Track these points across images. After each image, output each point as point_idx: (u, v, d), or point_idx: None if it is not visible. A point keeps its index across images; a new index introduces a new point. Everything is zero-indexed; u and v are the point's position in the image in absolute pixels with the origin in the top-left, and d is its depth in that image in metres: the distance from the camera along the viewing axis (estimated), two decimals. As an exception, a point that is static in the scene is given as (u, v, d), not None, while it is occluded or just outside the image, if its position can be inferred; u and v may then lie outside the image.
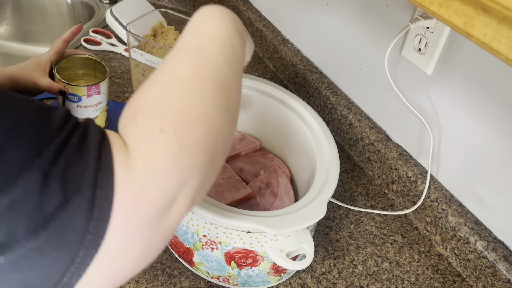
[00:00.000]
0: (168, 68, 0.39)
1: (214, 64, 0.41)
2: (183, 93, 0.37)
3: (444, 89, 0.69)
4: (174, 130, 0.34)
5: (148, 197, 0.32)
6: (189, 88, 0.37)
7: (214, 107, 0.38)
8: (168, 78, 0.38)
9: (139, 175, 0.32)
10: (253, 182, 0.70)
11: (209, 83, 0.39)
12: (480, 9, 0.29)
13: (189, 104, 0.36)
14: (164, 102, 0.36)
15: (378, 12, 0.76)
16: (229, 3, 1.18)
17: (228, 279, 0.62)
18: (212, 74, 0.40)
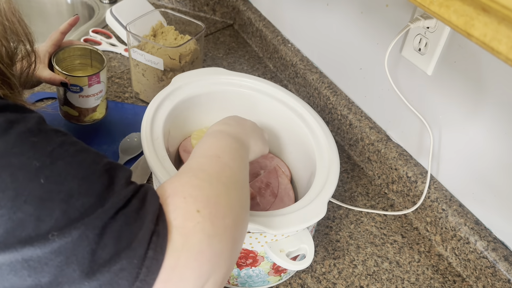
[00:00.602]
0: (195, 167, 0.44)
1: (231, 169, 0.45)
2: (213, 185, 0.41)
3: (444, 89, 0.69)
4: (209, 213, 0.37)
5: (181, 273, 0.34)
6: (217, 182, 0.41)
7: (237, 202, 0.42)
8: (197, 172, 0.42)
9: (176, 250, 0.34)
10: (253, 182, 0.70)
11: (231, 182, 0.43)
12: (480, 9, 0.29)
13: (219, 195, 0.40)
14: (198, 189, 0.39)
15: (378, 12, 0.76)
16: (229, 3, 1.18)
17: (228, 279, 0.62)
18: (231, 176, 0.44)
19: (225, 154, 0.47)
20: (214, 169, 0.44)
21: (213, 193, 0.39)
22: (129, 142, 0.83)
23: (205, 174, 0.42)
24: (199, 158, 0.46)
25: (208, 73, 0.73)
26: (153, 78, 0.87)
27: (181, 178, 0.41)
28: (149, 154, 0.58)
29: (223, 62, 1.08)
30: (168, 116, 0.66)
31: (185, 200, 0.37)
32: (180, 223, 0.35)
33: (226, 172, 0.44)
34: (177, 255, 0.34)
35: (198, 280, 0.35)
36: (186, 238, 0.35)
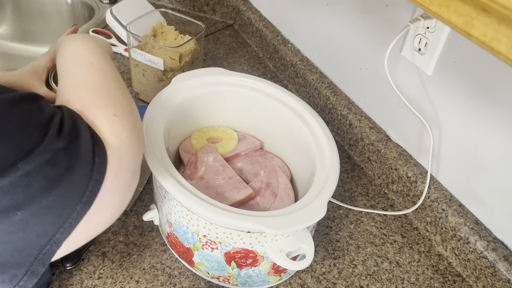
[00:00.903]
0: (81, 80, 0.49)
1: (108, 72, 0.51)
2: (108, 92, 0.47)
3: (444, 89, 0.69)
4: (123, 114, 0.45)
5: (126, 163, 0.43)
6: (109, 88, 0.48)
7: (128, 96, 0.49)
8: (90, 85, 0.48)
9: (117, 147, 0.42)
10: (253, 182, 0.70)
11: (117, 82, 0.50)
12: (480, 9, 0.29)
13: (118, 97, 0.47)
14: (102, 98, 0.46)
15: (378, 12, 0.76)
16: (229, 3, 1.18)
17: (228, 279, 0.62)
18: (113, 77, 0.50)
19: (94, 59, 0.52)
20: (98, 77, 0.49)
21: (114, 98, 0.46)
22: (129, 142, 0.82)
23: (97, 85, 0.48)
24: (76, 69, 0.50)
25: (208, 73, 0.73)
26: (153, 78, 0.87)
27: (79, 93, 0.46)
28: (149, 154, 0.58)
29: (223, 62, 1.08)
30: (168, 116, 0.66)
31: (100, 110, 0.44)
32: (108, 128, 0.43)
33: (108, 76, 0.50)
34: (119, 151, 0.42)
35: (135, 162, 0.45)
36: (118, 137, 0.43)
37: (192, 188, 0.55)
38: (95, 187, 0.40)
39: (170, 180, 0.55)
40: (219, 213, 0.53)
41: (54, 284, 0.62)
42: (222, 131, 0.77)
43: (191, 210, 0.55)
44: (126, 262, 0.66)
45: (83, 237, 0.42)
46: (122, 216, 0.71)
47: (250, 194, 0.66)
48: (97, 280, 0.63)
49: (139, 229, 0.70)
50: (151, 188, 0.76)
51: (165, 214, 0.63)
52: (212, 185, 0.67)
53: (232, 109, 0.76)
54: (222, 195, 0.66)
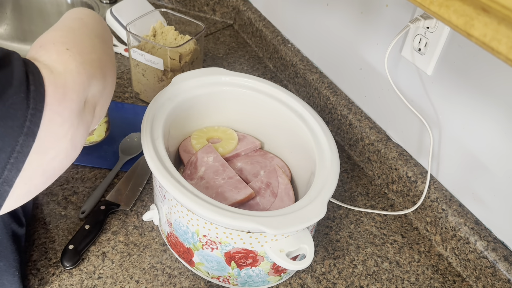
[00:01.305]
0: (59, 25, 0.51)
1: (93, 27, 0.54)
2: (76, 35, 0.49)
3: (444, 89, 0.69)
4: (77, 50, 0.46)
5: (72, 88, 0.43)
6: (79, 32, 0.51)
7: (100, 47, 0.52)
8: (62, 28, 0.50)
9: (61, 74, 0.43)
10: (253, 182, 0.70)
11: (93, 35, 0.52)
12: (480, 9, 0.29)
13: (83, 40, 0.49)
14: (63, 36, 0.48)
15: (378, 12, 0.76)
16: (229, 3, 1.18)
17: (228, 279, 0.62)
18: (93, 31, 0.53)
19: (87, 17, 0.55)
20: (75, 25, 0.52)
21: (78, 39, 0.49)
22: (129, 142, 0.83)
23: (68, 28, 0.50)
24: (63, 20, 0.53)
25: (208, 73, 0.73)
26: (153, 78, 0.87)
27: (46, 33, 0.48)
28: (149, 154, 0.58)
29: (223, 62, 1.08)
30: (168, 116, 0.66)
31: (55, 45, 0.45)
32: (55, 58, 0.44)
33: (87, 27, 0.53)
34: (63, 77, 0.43)
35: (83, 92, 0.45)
36: (65, 65, 0.43)
37: (192, 188, 0.55)
38: (34, 116, 0.39)
39: (170, 180, 0.55)
40: (219, 213, 0.53)
41: (54, 284, 0.62)
42: (222, 131, 0.77)
43: (191, 210, 0.55)
44: (126, 262, 0.66)
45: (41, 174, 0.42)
46: (122, 216, 0.71)
47: (250, 194, 0.66)
48: (97, 280, 0.63)
49: (139, 229, 0.70)
50: (151, 188, 0.76)
51: (165, 214, 0.63)
52: (212, 185, 0.67)
53: (232, 109, 0.76)
54: (222, 195, 0.66)
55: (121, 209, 0.72)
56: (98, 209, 0.70)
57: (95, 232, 0.67)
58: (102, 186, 0.74)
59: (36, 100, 0.39)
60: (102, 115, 0.52)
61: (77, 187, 0.74)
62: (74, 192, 0.73)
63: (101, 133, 0.81)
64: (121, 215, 0.71)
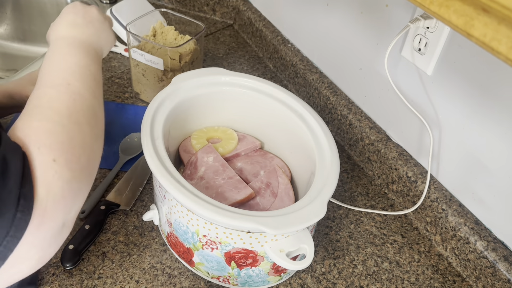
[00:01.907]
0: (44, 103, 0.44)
1: (82, 98, 0.47)
2: (65, 127, 0.42)
3: (444, 89, 0.69)
4: (65, 160, 0.40)
5: (50, 217, 0.38)
6: (69, 121, 0.43)
7: (90, 136, 0.45)
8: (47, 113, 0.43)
9: (42, 200, 0.37)
10: (253, 182, 0.70)
11: (82, 115, 0.45)
12: (480, 9, 0.29)
13: (72, 137, 0.42)
14: (51, 135, 0.41)
15: (378, 12, 0.76)
16: (229, 3, 1.18)
17: (228, 279, 0.62)
18: (83, 108, 0.46)
19: (74, 79, 0.48)
20: (64, 104, 0.45)
21: (66, 136, 0.42)
22: (129, 142, 0.83)
23: (56, 114, 0.43)
24: (47, 89, 0.46)
25: (208, 73, 0.73)
26: (153, 78, 0.87)
27: (31, 121, 0.42)
28: (149, 154, 0.58)
29: (223, 62, 1.08)
30: (168, 116, 0.66)
31: (40, 151, 0.39)
32: (39, 175, 0.38)
33: (77, 105, 0.46)
34: (44, 204, 0.38)
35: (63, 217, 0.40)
36: (48, 188, 0.38)
37: (192, 188, 0.55)
38: (10, 242, 0.36)
39: (170, 180, 0.55)
40: (219, 213, 0.53)
41: (54, 284, 0.62)
42: (222, 131, 0.77)
43: (191, 210, 0.55)
44: (126, 262, 0.66)
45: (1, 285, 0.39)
46: (122, 216, 0.71)
47: (250, 194, 0.66)
48: (97, 280, 0.63)
49: (139, 229, 0.70)
50: (151, 188, 0.76)
51: (165, 214, 0.63)
52: (212, 185, 0.67)
53: (232, 109, 0.76)
54: (222, 195, 0.66)
55: (121, 209, 0.72)
56: (98, 209, 0.70)
57: (95, 232, 0.67)
58: (102, 186, 0.74)
59: (17, 228, 0.36)
60: None
61: (77, 187, 0.74)
62: (74, 192, 0.73)
63: None
64: (121, 215, 0.71)
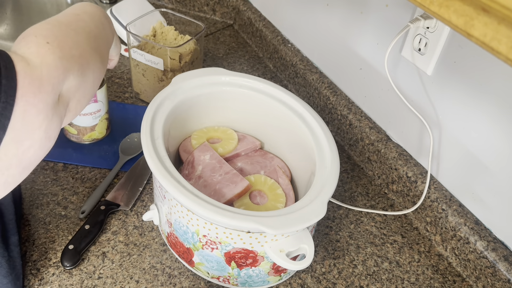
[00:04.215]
0: (51, 19, 0.52)
1: (86, 24, 0.55)
2: (61, 29, 0.50)
3: (444, 89, 0.69)
4: (57, 43, 0.47)
5: (47, 80, 0.44)
6: (66, 27, 0.51)
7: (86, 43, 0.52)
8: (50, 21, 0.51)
9: (37, 67, 0.44)
10: (253, 182, 0.70)
11: (82, 31, 0.53)
12: (480, 9, 0.29)
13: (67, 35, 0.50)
14: (48, 29, 0.49)
15: (378, 12, 0.76)
16: (229, 3, 1.18)
17: (228, 279, 0.62)
18: (84, 28, 0.54)
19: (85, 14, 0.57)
20: (67, 19, 0.53)
21: (61, 33, 0.49)
22: (129, 142, 0.83)
23: (56, 21, 0.51)
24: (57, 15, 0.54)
25: (208, 73, 0.73)
26: (153, 78, 0.87)
27: (34, 25, 0.49)
28: (149, 154, 0.58)
29: (223, 62, 1.08)
30: (168, 116, 0.66)
31: (36, 37, 0.46)
32: (34, 50, 0.44)
33: (78, 23, 0.54)
34: (39, 71, 0.43)
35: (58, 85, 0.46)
36: (42, 59, 0.44)
37: (192, 188, 0.55)
38: (5, 109, 0.40)
39: (170, 180, 0.55)
40: (219, 213, 0.53)
41: (54, 284, 0.62)
42: (222, 131, 0.77)
43: (191, 210, 0.55)
44: (126, 262, 0.66)
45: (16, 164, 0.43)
46: (122, 216, 0.71)
47: (247, 186, 0.66)
48: (97, 280, 0.63)
49: (139, 229, 0.70)
50: (151, 188, 0.76)
51: (165, 214, 0.63)
52: (210, 182, 0.67)
53: (232, 109, 0.76)
54: (220, 191, 0.66)
55: (121, 209, 0.72)
56: (98, 209, 0.70)
57: (95, 232, 0.67)
58: (102, 186, 0.74)
59: (7, 93, 0.40)
60: (78, 110, 0.53)
61: (77, 187, 0.74)
62: (74, 192, 0.73)
63: (102, 131, 0.81)
64: (121, 215, 0.71)
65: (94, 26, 0.56)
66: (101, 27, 0.59)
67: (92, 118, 0.77)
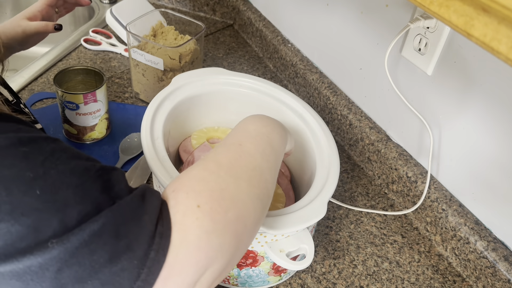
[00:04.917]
0: (209, 157, 0.44)
1: (250, 156, 0.45)
2: (220, 177, 0.41)
3: (444, 89, 0.69)
4: (210, 208, 0.37)
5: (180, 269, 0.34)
6: (226, 173, 0.41)
7: (248, 194, 0.42)
8: (208, 163, 0.43)
9: (174, 248, 0.34)
10: (253, 182, 0.70)
11: (244, 172, 0.43)
12: (480, 9, 0.29)
13: (225, 187, 0.40)
14: (203, 182, 0.39)
15: (378, 12, 0.76)
16: (229, 3, 1.18)
17: (228, 279, 0.62)
18: (247, 165, 0.44)
19: (248, 141, 0.47)
20: (227, 158, 0.44)
21: (218, 186, 0.40)
22: (129, 142, 0.83)
23: (215, 164, 0.42)
24: (219, 147, 0.46)
25: (208, 73, 0.73)
26: (153, 78, 0.87)
27: (192, 170, 0.41)
28: (149, 154, 0.58)
29: (223, 62, 1.08)
30: (168, 116, 0.66)
31: (187, 195, 0.37)
32: (179, 219, 0.36)
33: (241, 161, 0.44)
34: (176, 251, 0.34)
35: (195, 274, 0.36)
36: (184, 235, 0.35)
37: (192, 188, 0.55)
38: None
39: (170, 180, 0.55)
40: (219, 213, 0.53)
41: (54, 284, 0.62)
42: (222, 131, 0.77)
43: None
44: (126, 262, 0.66)
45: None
46: (122, 216, 0.71)
47: None
48: (97, 280, 0.63)
49: (139, 229, 0.70)
50: (151, 188, 0.76)
51: (165, 214, 0.63)
52: (212, 185, 0.67)
53: (232, 109, 0.76)
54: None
55: (121, 209, 0.72)
56: (98, 209, 0.69)
57: (95, 232, 0.67)
58: (102, 186, 0.74)
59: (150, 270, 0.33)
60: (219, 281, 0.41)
61: (77, 187, 0.74)
62: (74, 192, 0.73)
63: (102, 130, 0.81)
64: (121, 215, 0.71)
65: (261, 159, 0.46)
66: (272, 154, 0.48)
67: (92, 118, 0.77)
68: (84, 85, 0.80)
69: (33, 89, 0.92)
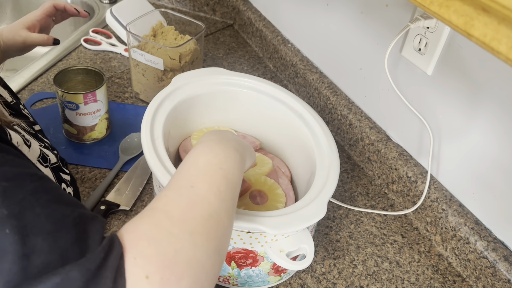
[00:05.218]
0: (159, 207, 0.39)
1: (205, 201, 0.41)
2: (173, 235, 0.36)
3: (444, 89, 0.69)
4: (160, 278, 0.33)
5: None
6: (180, 229, 0.37)
7: (205, 251, 0.37)
8: (159, 216, 0.38)
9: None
10: (253, 182, 0.70)
11: (200, 223, 0.38)
12: (480, 9, 0.29)
13: (179, 249, 0.35)
14: (154, 244, 0.35)
15: (378, 12, 0.76)
16: (229, 3, 1.18)
17: (228, 279, 0.62)
18: (203, 213, 0.39)
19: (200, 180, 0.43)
20: (180, 209, 0.39)
21: (171, 248, 0.35)
22: (129, 142, 0.83)
23: (167, 218, 0.38)
24: (168, 191, 0.41)
25: (208, 73, 0.73)
26: (153, 78, 0.87)
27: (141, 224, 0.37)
28: (149, 154, 0.58)
29: (223, 62, 1.08)
30: (168, 116, 0.66)
31: (135, 262, 0.33)
32: None
33: (195, 210, 0.39)
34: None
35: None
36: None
37: (192, 188, 0.55)
38: None
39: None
40: (219, 213, 0.53)
41: (54, 284, 0.62)
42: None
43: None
44: (126, 262, 0.66)
45: None
46: (122, 216, 0.71)
47: (246, 186, 0.66)
48: (97, 280, 0.63)
49: (139, 229, 0.70)
50: (151, 188, 0.76)
51: (165, 214, 0.63)
52: (212, 185, 0.67)
53: (232, 109, 0.76)
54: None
55: (121, 209, 0.72)
56: (98, 209, 0.70)
57: (95, 232, 0.67)
58: (102, 186, 0.74)
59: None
60: None
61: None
62: (74, 192, 0.73)
63: (102, 130, 0.81)
64: (121, 215, 0.71)
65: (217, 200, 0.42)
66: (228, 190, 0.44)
67: (92, 117, 0.78)
68: (84, 85, 0.80)
69: (33, 89, 0.92)
